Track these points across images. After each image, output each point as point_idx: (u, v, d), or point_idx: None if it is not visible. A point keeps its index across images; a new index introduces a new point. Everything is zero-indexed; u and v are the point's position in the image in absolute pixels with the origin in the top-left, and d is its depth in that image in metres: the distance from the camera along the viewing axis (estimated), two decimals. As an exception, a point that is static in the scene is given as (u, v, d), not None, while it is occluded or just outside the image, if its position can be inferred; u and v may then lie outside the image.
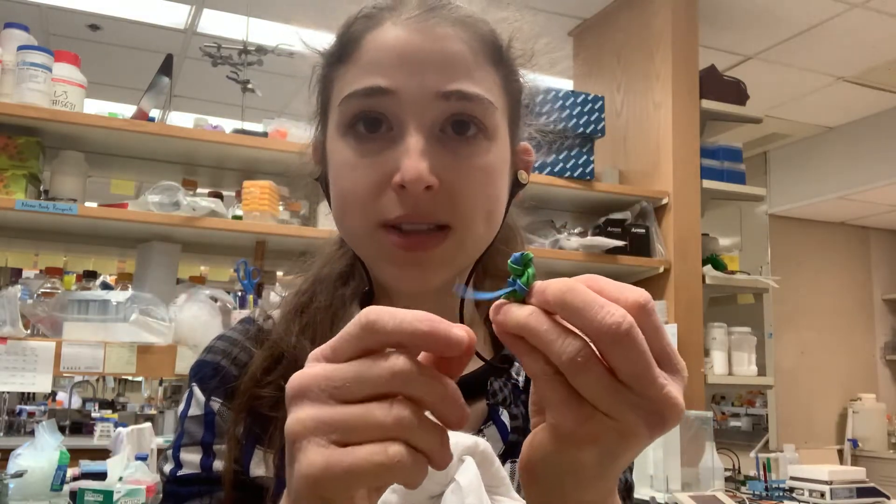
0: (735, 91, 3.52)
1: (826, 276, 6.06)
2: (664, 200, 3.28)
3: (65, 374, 2.51)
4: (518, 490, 0.57)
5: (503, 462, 0.56)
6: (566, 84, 3.99)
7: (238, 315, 2.40)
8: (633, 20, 3.62)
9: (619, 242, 3.07)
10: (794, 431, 5.37)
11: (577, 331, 0.40)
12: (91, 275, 2.78)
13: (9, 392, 4.88)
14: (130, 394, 7.06)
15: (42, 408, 5.72)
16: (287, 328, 0.72)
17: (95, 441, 4.59)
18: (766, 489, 2.84)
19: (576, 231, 3.16)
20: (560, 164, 3.08)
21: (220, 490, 0.68)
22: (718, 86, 3.49)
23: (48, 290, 2.52)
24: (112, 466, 2.05)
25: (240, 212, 2.61)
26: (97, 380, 6.61)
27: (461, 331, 0.40)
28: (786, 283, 4.41)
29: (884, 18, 3.91)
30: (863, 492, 2.72)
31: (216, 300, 2.47)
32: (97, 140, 2.54)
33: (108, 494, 1.87)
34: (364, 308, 0.42)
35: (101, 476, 2.02)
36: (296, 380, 0.42)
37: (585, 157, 3.12)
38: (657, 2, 3.48)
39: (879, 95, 4.92)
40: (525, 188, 0.75)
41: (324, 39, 0.71)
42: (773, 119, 5.05)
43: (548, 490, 0.46)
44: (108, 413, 5.84)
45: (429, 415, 0.41)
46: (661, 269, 3.22)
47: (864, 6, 3.78)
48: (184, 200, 2.45)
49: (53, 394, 6.21)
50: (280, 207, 2.65)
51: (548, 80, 0.73)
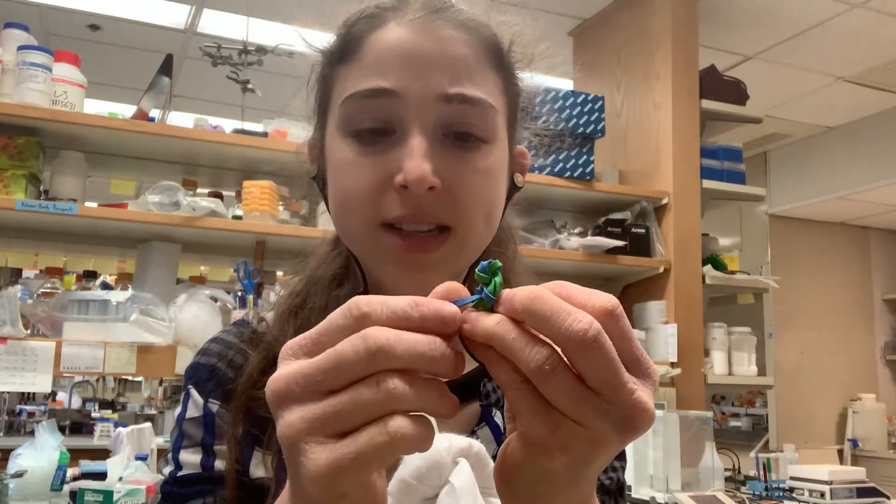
0: (735, 91, 3.52)
1: (826, 276, 6.06)
2: (664, 200, 3.28)
3: (65, 374, 2.50)
4: None
5: None
6: (566, 84, 3.99)
7: (238, 315, 2.40)
8: (633, 20, 3.62)
9: (619, 242, 3.06)
10: (794, 431, 5.37)
11: (546, 339, 0.39)
12: (91, 275, 2.78)
13: (9, 392, 4.88)
14: (130, 394, 7.06)
15: (42, 408, 5.72)
16: (282, 330, 0.72)
17: (95, 441, 4.60)
18: (766, 489, 2.84)
19: (576, 231, 3.16)
20: (560, 164, 3.08)
21: (223, 489, 0.68)
22: (718, 86, 3.49)
23: (48, 290, 2.52)
24: (112, 466, 2.05)
25: (240, 212, 2.61)
26: (97, 380, 6.62)
27: (451, 308, 0.40)
28: (786, 283, 4.41)
29: (884, 18, 3.91)
30: (863, 492, 2.72)
31: (216, 300, 2.48)
32: (97, 140, 2.54)
33: (108, 494, 1.87)
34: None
35: (101, 476, 2.02)
36: (273, 384, 0.41)
37: (585, 157, 3.12)
38: (657, 2, 3.48)
39: (879, 95, 4.92)
40: (525, 188, 0.75)
41: (324, 38, 0.71)
42: (773, 119, 5.05)
43: (522, 497, 0.45)
44: (108, 413, 5.84)
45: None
46: (661, 269, 3.22)
47: (864, 6, 3.78)
48: (184, 200, 2.45)
49: (53, 394, 6.21)
50: (280, 207, 2.65)
51: (548, 80, 0.73)
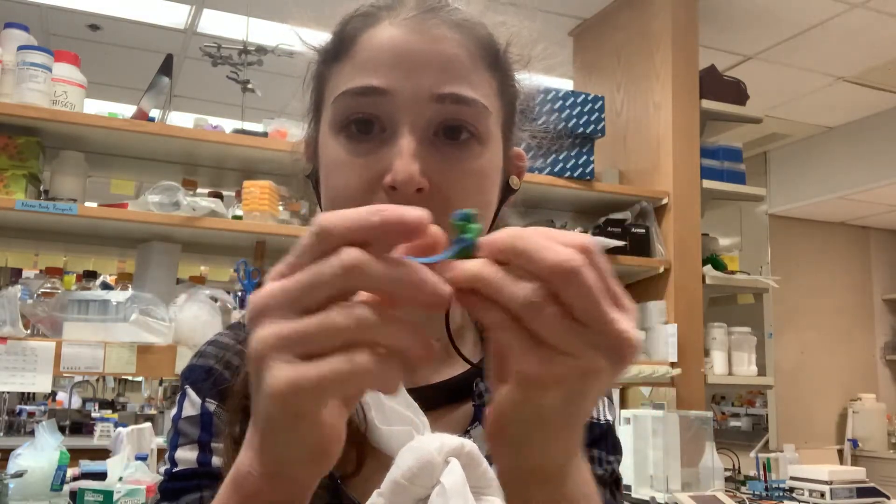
0: (735, 91, 3.52)
1: (826, 276, 6.06)
2: (664, 200, 3.28)
3: (65, 374, 2.51)
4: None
5: (490, 463, 0.56)
6: (566, 84, 3.99)
7: (238, 315, 2.40)
8: (633, 20, 3.62)
9: (620, 242, 3.07)
10: (794, 431, 5.37)
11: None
12: (91, 275, 2.78)
13: (9, 392, 4.88)
14: (130, 394, 7.06)
15: (42, 408, 5.73)
16: None
17: (95, 441, 4.60)
18: (766, 489, 2.84)
19: (576, 231, 3.15)
20: (560, 164, 3.08)
21: (220, 485, 0.68)
22: (718, 86, 3.49)
23: (48, 290, 2.52)
24: (112, 466, 2.06)
25: (240, 212, 2.61)
26: (97, 380, 6.62)
27: (415, 211, 0.40)
28: (786, 283, 4.41)
29: (884, 18, 3.91)
30: (863, 492, 2.72)
31: (216, 300, 2.48)
32: (97, 140, 2.54)
33: (108, 494, 1.87)
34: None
35: (101, 476, 2.02)
36: (254, 300, 0.41)
37: (585, 157, 3.12)
38: (657, 2, 3.48)
39: (879, 95, 4.92)
40: (525, 188, 0.75)
41: (320, 37, 0.70)
42: (773, 119, 5.05)
43: (517, 450, 0.46)
44: (108, 413, 5.85)
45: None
46: (661, 270, 3.22)
47: (864, 6, 3.78)
48: (184, 200, 2.45)
49: (53, 394, 6.21)
50: (280, 207, 2.65)
51: (547, 81, 0.73)
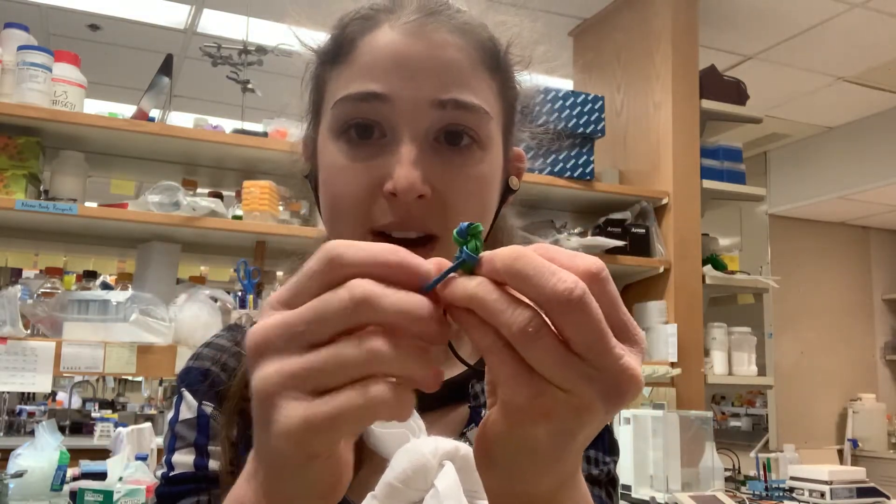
0: (735, 91, 3.52)
1: (826, 276, 6.06)
2: (664, 200, 3.28)
3: (65, 374, 2.51)
4: None
5: None
6: (566, 84, 3.99)
7: (238, 315, 2.40)
8: (633, 20, 3.62)
9: (619, 242, 3.07)
10: (794, 431, 5.37)
11: (529, 301, 0.38)
12: (91, 275, 2.78)
13: (9, 392, 4.88)
14: (130, 394, 7.06)
15: (42, 408, 5.72)
16: None
17: (95, 441, 4.60)
18: (766, 489, 2.84)
19: (576, 231, 3.16)
20: (560, 164, 3.08)
21: (216, 488, 0.67)
22: (718, 86, 3.49)
23: (48, 290, 2.52)
24: (112, 466, 2.05)
25: (240, 212, 2.61)
26: (97, 380, 6.62)
27: (430, 264, 0.39)
28: (786, 283, 4.41)
29: (884, 18, 3.91)
30: (863, 492, 2.72)
31: (216, 300, 2.48)
32: (97, 140, 2.54)
33: (108, 494, 1.87)
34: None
35: (101, 476, 2.02)
36: (252, 335, 0.39)
37: (585, 157, 3.12)
38: (657, 2, 3.48)
39: (879, 95, 4.92)
40: (525, 188, 0.75)
41: (317, 37, 0.70)
42: (773, 119, 5.05)
43: (504, 474, 0.43)
44: (108, 413, 5.85)
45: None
46: (661, 269, 3.22)
47: (864, 6, 3.78)
48: (184, 200, 2.45)
49: (53, 394, 6.21)
50: (280, 207, 2.65)
51: (547, 80, 0.73)
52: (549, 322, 0.38)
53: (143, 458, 2.19)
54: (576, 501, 0.47)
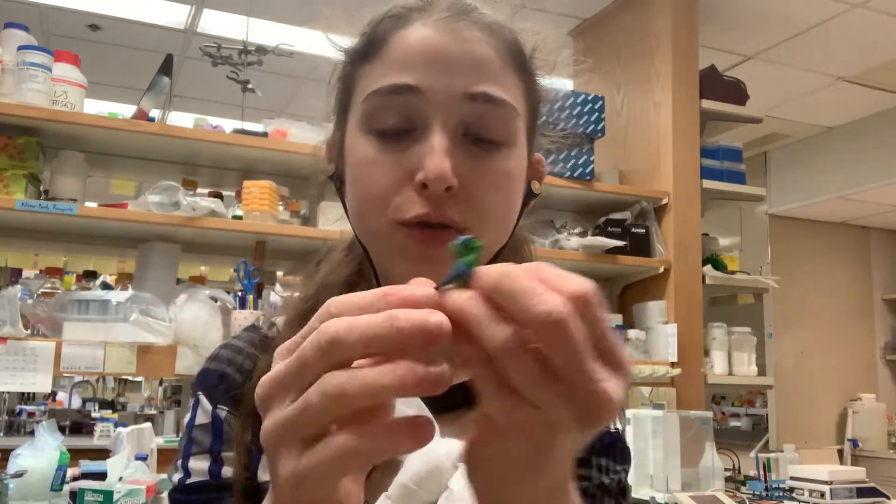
0: (735, 91, 3.52)
1: (826, 276, 6.06)
2: (664, 200, 3.28)
3: (65, 374, 2.51)
4: None
5: None
6: (566, 84, 3.99)
7: (238, 315, 2.40)
8: (633, 20, 3.62)
9: (619, 242, 3.07)
10: (794, 431, 5.37)
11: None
12: (91, 275, 2.78)
13: (9, 392, 4.88)
14: (130, 394, 7.05)
15: (42, 408, 5.72)
16: (292, 335, 0.72)
17: (95, 441, 4.59)
18: (766, 489, 2.84)
19: (576, 231, 3.16)
20: (560, 164, 3.08)
21: (230, 496, 0.68)
22: (718, 86, 3.49)
23: (48, 290, 2.52)
24: (112, 466, 2.05)
25: (240, 212, 2.61)
26: (97, 380, 6.61)
27: (437, 317, 0.37)
28: (786, 283, 4.41)
29: (884, 18, 3.91)
30: (863, 492, 2.72)
31: (216, 300, 2.48)
32: (97, 140, 2.54)
33: (108, 494, 1.87)
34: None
35: (101, 476, 2.01)
36: (259, 386, 0.41)
37: (585, 157, 3.12)
38: (657, 2, 3.48)
39: (879, 95, 4.92)
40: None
41: (346, 40, 0.71)
42: (773, 119, 5.05)
43: (490, 482, 0.44)
44: (108, 413, 5.84)
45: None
46: (661, 269, 3.22)
47: (864, 6, 3.78)
48: (184, 200, 2.45)
49: (53, 394, 6.21)
50: (280, 207, 2.65)
51: (550, 82, 0.74)
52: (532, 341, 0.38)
53: (143, 458, 2.18)
54: None
